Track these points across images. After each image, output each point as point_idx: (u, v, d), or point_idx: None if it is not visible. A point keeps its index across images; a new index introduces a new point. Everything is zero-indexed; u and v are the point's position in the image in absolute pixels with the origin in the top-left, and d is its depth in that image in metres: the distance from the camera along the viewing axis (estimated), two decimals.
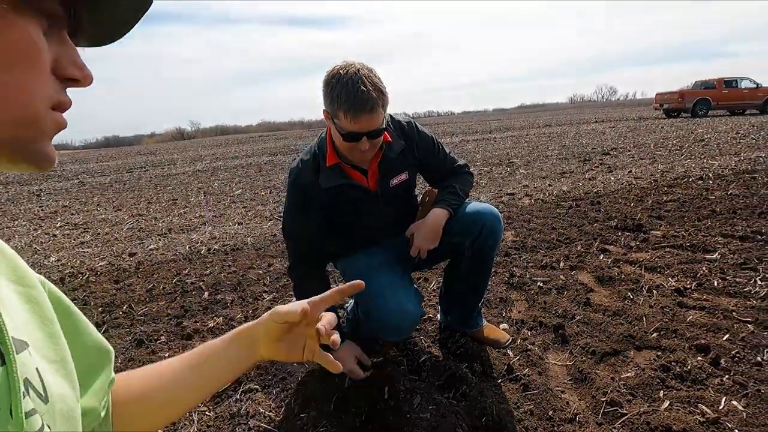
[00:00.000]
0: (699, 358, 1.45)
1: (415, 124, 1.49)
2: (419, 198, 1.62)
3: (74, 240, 4.31)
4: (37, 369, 0.41)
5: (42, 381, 0.41)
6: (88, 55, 0.39)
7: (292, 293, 2.30)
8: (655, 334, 1.62)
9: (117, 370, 1.76)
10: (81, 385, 0.51)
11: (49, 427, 0.41)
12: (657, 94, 17.08)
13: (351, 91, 1.17)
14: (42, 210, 6.58)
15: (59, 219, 5.65)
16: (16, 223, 5.64)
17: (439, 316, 1.84)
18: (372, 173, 1.42)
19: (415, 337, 1.75)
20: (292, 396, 1.46)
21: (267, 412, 1.38)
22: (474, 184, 1.65)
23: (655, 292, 1.97)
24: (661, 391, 1.32)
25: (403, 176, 1.48)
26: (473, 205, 1.52)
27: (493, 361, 1.55)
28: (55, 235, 4.63)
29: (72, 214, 6.00)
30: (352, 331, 1.74)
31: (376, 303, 1.40)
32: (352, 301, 1.84)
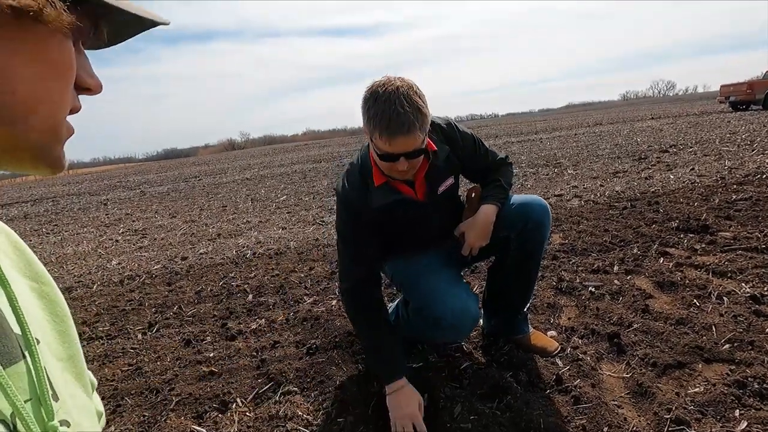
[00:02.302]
0: None
1: (455, 124, 1.43)
2: (462, 196, 1.56)
3: (134, 245, 4.60)
4: (44, 368, 0.42)
5: (50, 379, 0.42)
6: (153, 71, 0.41)
7: (333, 297, 2.31)
8: (727, 346, 1.46)
9: (165, 369, 1.83)
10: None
11: (68, 422, 0.41)
12: (722, 87, 15.77)
13: (387, 111, 1.12)
14: (107, 217, 7.11)
15: (122, 225, 6.07)
16: (85, 230, 6.12)
17: (481, 321, 1.76)
18: (419, 184, 1.37)
19: (457, 343, 1.68)
20: (330, 399, 1.44)
21: (305, 415, 1.37)
22: (515, 175, 1.57)
23: (725, 299, 1.77)
24: (737, 410, 1.17)
25: (450, 181, 1.43)
26: (520, 197, 1.45)
27: (541, 371, 1.45)
28: (117, 241, 4.97)
29: (133, 221, 6.43)
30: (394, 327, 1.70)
31: (435, 301, 1.35)
32: (392, 303, 1.80)
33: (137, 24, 0.39)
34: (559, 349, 1.56)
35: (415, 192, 1.36)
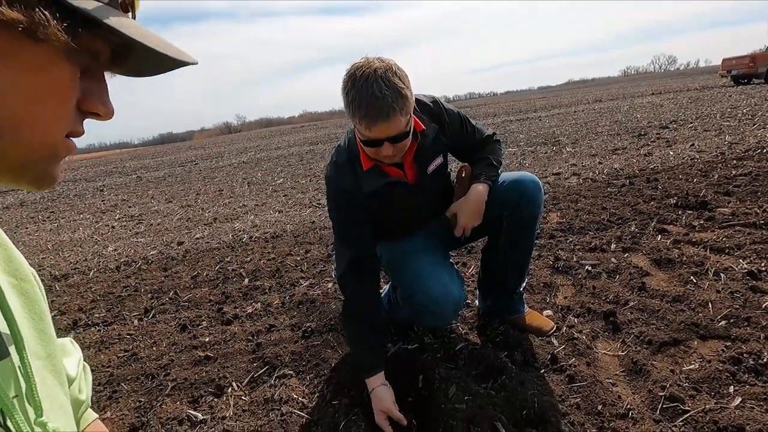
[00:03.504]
0: None
1: (441, 102, 1.38)
2: (452, 174, 1.53)
3: (130, 231, 4.57)
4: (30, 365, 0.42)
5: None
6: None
7: (328, 279, 2.29)
8: (723, 323, 1.45)
9: (161, 354, 1.81)
10: None
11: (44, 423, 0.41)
12: (724, 60, 15.50)
13: (365, 96, 1.06)
14: (104, 204, 7.07)
15: (118, 211, 6.03)
16: (81, 216, 6.08)
17: (477, 301, 1.75)
18: (408, 165, 1.33)
19: (452, 324, 1.68)
20: (325, 382, 1.44)
21: (300, 398, 1.37)
22: (514, 154, 1.54)
23: (723, 275, 1.76)
24: (732, 387, 1.16)
25: (439, 160, 1.39)
26: (511, 174, 1.42)
27: (536, 350, 1.45)
28: (113, 227, 4.94)
29: (129, 206, 6.39)
30: (387, 319, 1.70)
31: (418, 287, 1.34)
32: (386, 286, 1.79)
33: (164, 60, 0.38)
34: (554, 328, 1.55)
35: (405, 174, 1.33)
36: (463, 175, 1.43)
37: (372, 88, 1.05)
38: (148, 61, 0.39)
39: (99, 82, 0.39)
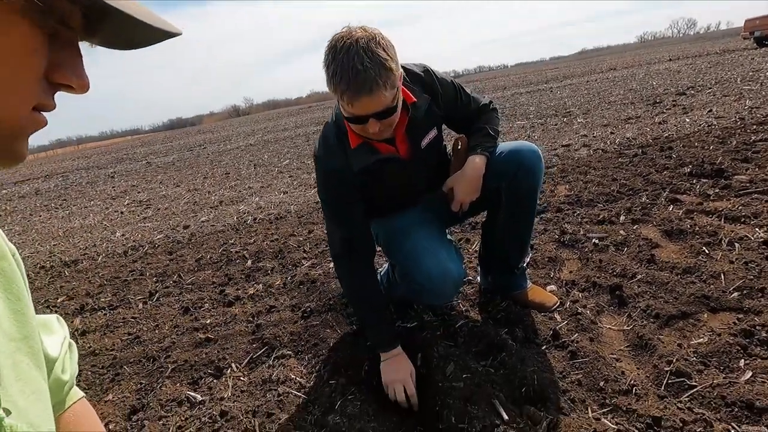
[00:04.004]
0: None
1: (433, 71, 1.30)
2: (448, 147, 1.46)
3: (138, 216, 4.61)
4: None
5: None
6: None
7: (329, 259, 2.27)
8: (735, 294, 1.38)
9: (162, 337, 1.82)
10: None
11: (8, 410, 0.38)
12: (746, 21, 14.75)
13: (346, 69, 0.98)
14: (114, 190, 7.14)
15: (127, 197, 6.09)
16: (92, 203, 6.16)
17: (479, 278, 1.71)
18: (401, 140, 1.27)
19: (453, 301, 1.64)
20: (323, 362, 1.43)
21: (298, 378, 1.36)
22: (501, 120, 1.46)
23: (737, 245, 1.68)
24: (742, 360, 1.11)
25: (433, 133, 1.32)
26: (509, 144, 1.34)
27: (538, 326, 1.41)
28: (122, 212, 4.99)
29: (138, 192, 6.45)
30: (385, 296, 1.67)
31: (415, 265, 1.30)
32: (386, 265, 1.76)
33: (144, 29, 0.33)
34: (557, 303, 1.50)
35: (397, 149, 1.26)
36: (459, 147, 1.36)
37: (353, 60, 0.97)
38: (127, 30, 0.34)
39: (71, 51, 0.34)
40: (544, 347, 1.32)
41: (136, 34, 0.35)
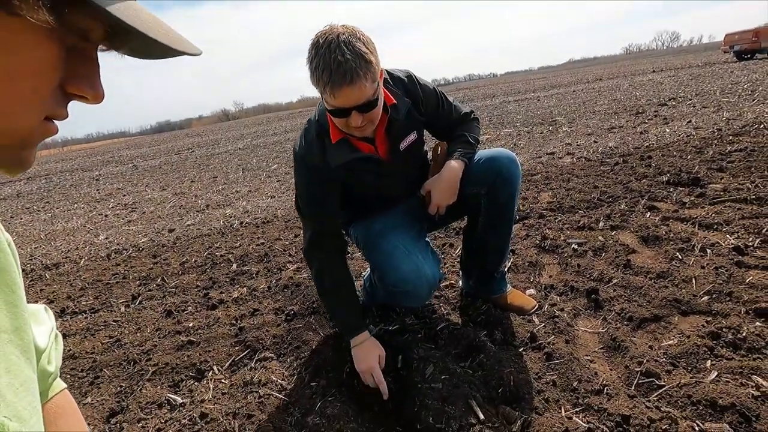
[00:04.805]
0: (758, 323, 1.26)
1: (416, 77, 1.34)
2: (429, 152, 1.50)
3: (123, 219, 4.56)
4: None
5: None
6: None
7: None
8: (705, 298, 1.43)
9: (144, 340, 1.80)
10: None
11: None
12: (726, 36, 15.24)
13: (327, 62, 1.02)
14: (98, 193, 7.05)
15: (112, 200, 6.02)
16: (75, 205, 6.07)
17: (460, 281, 1.74)
18: (380, 140, 1.30)
19: (435, 304, 1.67)
20: (305, 364, 1.43)
21: (279, 380, 1.37)
22: (481, 130, 1.50)
23: (709, 251, 1.74)
24: (708, 361, 1.15)
25: (412, 137, 1.36)
26: (487, 152, 1.38)
27: (516, 329, 1.44)
28: (107, 215, 4.93)
29: (124, 195, 6.37)
30: (368, 301, 1.69)
31: (390, 267, 1.32)
32: (368, 270, 1.78)
33: (164, 47, 0.34)
34: (536, 307, 1.54)
35: (376, 149, 1.29)
36: (439, 152, 1.40)
37: (335, 53, 1.02)
38: (147, 45, 0.35)
39: (89, 62, 0.35)
40: (521, 349, 1.34)
41: (157, 49, 0.36)
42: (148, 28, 0.33)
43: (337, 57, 1.01)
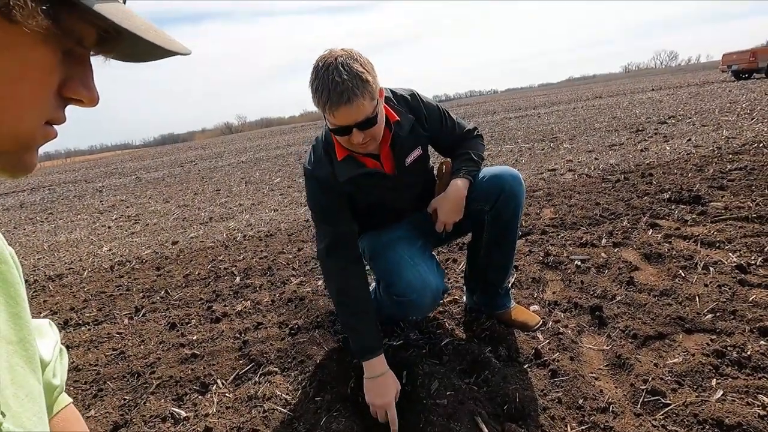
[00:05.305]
0: (762, 342, 1.26)
1: (419, 95, 1.39)
2: (434, 168, 1.53)
3: (126, 231, 4.58)
4: None
5: None
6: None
7: (319, 277, 2.29)
8: (709, 316, 1.44)
9: (148, 353, 1.79)
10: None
11: (3, 412, 0.39)
12: (724, 55, 15.45)
13: (326, 83, 1.07)
14: (101, 204, 7.08)
15: (115, 212, 6.05)
16: (79, 217, 6.10)
17: (465, 297, 1.74)
18: (385, 156, 1.33)
19: (439, 320, 1.67)
20: (310, 379, 1.43)
21: (283, 395, 1.37)
22: (486, 147, 1.53)
23: (712, 269, 1.75)
24: (714, 380, 1.16)
25: (417, 152, 1.39)
26: (491, 169, 1.41)
27: (521, 345, 1.44)
28: (110, 227, 4.95)
29: (127, 207, 6.40)
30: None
31: (396, 276, 1.33)
32: (374, 283, 1.78)
33: (155, 48, 0.36)
34: (540, 323, 1.54)
35: (382, 164, 1.32)
36: (444, 170, 1.42)
37: (332, 74, 1.06)
38: (139, 47, 0.36)
39: (83, 66, 0.36)
40: (526, 366, 1.35)
41: (147, 51, 0.38)
42: (139, 29, 0.34)
43: (334, 78, 1.05)
